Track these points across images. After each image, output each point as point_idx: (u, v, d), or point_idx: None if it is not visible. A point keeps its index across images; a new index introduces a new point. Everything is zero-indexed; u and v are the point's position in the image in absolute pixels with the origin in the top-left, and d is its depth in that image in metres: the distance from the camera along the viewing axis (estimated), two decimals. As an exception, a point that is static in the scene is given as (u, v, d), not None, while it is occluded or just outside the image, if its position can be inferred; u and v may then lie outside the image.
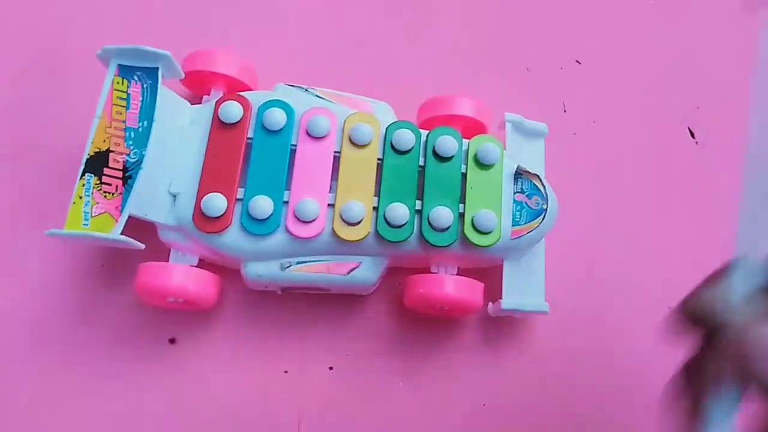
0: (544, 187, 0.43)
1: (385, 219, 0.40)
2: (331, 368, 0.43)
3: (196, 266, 0.40)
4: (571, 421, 0.44)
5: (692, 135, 0.52)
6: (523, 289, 0.43)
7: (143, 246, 0.38)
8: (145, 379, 0.42)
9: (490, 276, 0.43)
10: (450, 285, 0.40)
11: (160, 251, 0.41)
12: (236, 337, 0.43)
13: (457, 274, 0.42)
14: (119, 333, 0.42)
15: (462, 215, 0.40)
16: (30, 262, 0.43)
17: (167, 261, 0.40)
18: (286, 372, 0.43)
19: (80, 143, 0.38)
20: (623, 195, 0.50)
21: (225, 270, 0.42)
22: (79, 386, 0.41)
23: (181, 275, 0.39)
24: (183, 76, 0.41)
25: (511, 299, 0.42)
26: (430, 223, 0.40)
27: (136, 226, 0.38)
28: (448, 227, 0.40)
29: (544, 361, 0.45)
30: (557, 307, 0.43)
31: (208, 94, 0.45)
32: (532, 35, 0.54)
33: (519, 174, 0.43)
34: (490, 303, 0.43)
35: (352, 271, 0.40)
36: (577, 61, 0.54)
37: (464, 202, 0.41)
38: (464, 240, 0.40)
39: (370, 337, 0.44)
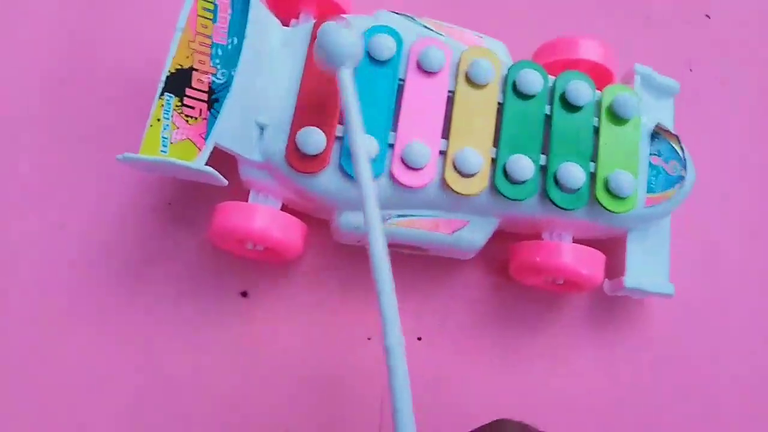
0: (683, 150, 0.37)
1: (505, 173, 0.34)
2: (419, 339, 0.38)
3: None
4: (683, 414, 0.38)
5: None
6: (647, 267, 0.37)
7: (226, 182, 0.32)
8: (211, 334, 0.37)
9: (604, 249, 0.38)
10: (570, 254, 0.35)
11: (236, 193, 0.35)
12: (316, 295, 0.38)
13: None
14: (184, 280, 0.37)
15: (593, 175, 0.35)
16: (89, 194, 0.38)
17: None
18: (369, 339, 0.38)
19: (158, 59, 0.33)
20: (754, 167, 0.44)
21: (308, 219, 0.37)
22: (137, 337, 0.36)
23: (267, 218, 0.34)
24: (276, -9, 0.36)
25: (635, 277, 0.36)
26: (557, 181, 0.34)
27: (209, 161, 0.32)
28: (579, 188, 0.34)
29: (658, 348, 0.39)
30: (676, 289, 0.38)
31: (296, 18, 0.39)
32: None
33: (656, 133, 0.37)
34: (607, 279, 0.37)
35: (457, 230, 0.35)
36: (706, 15, 0.47)
37: (596, 161, 0.35)
38: (594, 204, 0.34)
39: (465, 308, 0.39)
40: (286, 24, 0.39)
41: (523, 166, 0.34)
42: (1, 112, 0.40)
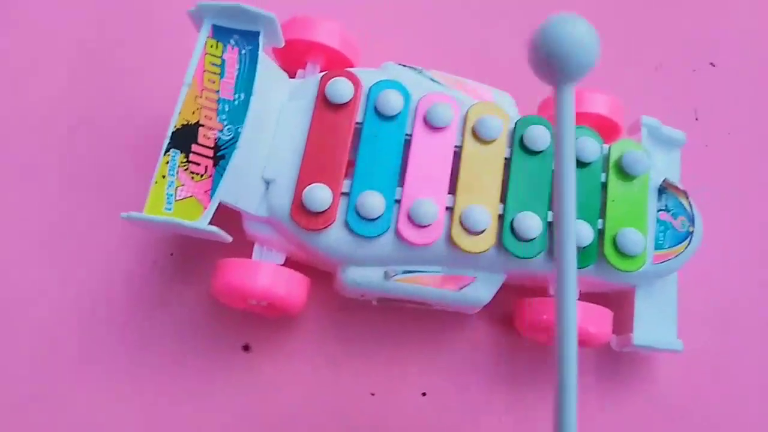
0: (690, 206, 0.37)
1: (513, 230, 0.34)
2: (424, 394, 0.37)
3: (282, 265, 0.35)
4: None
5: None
6: (655, 323, 0.37)
7: (231, 239, 0.32)
8: (212, 389, 0.36)
9: (611, 303, 0.37)
10: (578, 314, 0.34)
11: (239, 245, 0.35)
12: (319, 349, 0.37)
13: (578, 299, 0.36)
14: (186, 334, 0.37)
15: (601, 232, 0.34)
16: (92, 247, 0.38)
17: (249, 257, 0.35)
18: (372, 394, 0.37)
19: (164, 114, 0.33)
20: (762, 218, 0.43)
21: (312, 271, 0.36)
22: (138, 390, 0.36)
23: (270, 276, 0.33)
24: (283, 43, 0.36)
25: (643, 334, 0.36)
26: (564, 239, 0.34)
27: (216, 213, 0.32)
28: (587, 245, 0.34)
29: (666, 404, 0.39)
30: (685, 344, 0.37)
31: (302, 68, 0.39)
32: (663, 30, 0.48)
33: (664, 188, 0.36)
34: (614, 335, 0.37)
35: (464, 287, 0.34)
36: (711, 64, 0.47)
37: (604, 217, 0.35)
38: (603, 262, 0.34)
39: (471, 362, 0.38)
40: (292, 74, 0.39)
41: (531, 223, 0.33)
42: (10, 160, 0.40)
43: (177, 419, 0.36)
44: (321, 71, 0.38)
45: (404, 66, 0.37)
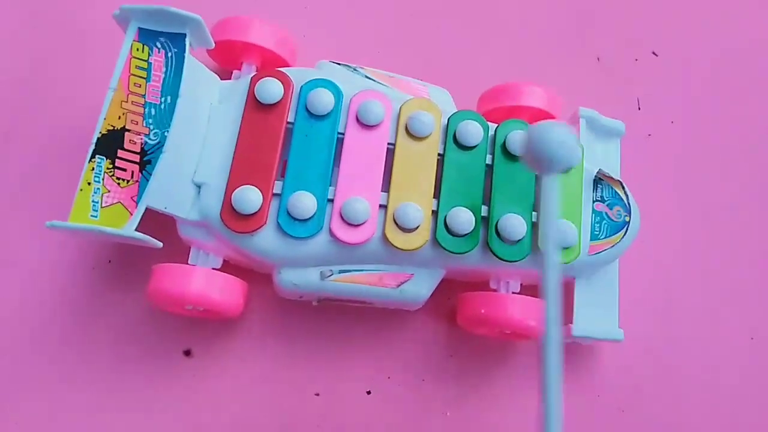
0: (627, 195, 0.37)
1: (446, 226, 0.34)
2: (368, 392, 0.37)
3: (219, 269, 0.34)
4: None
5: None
6: (595, 313, 0.37)
7: (161, 244, 0.32)
8: (154, 396, 0.36)
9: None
10: (516, 307, 0.35)
11: (177, 249, 0.35)
12: (261, 352, 0.37)
13: (519, 292, 0.36)
14: (126, 341, 0.37)
15: (536, 225, 0.35)
16: (26, 255, 0.37)
17: (186, 260, 0.34)
18: (317, 395, 0.37)
19: (90, 119, 0.32)
20: (706, 207, 0.44)
21: (252, 274, 0.36)
22: (78, 401, 0.35)
23: (204, 281, 0.33)
24: (213, 45, 0.35)
25: (582, 325, 0.36)
26: (498, 233, 0.34)
27: (151, 218, 0.32)
28: (521, 239, 0.34)
29: (610, 395, 0.39)
30: (627, 334, 0.37)
31: (239, 69, 0.39)
32: (603, 21, 0.48)
33: (599, 179, 0.37)
34: (556, 327, 0.37)
35: (402, 284, 0.34)
36: (653, 53, 0.47)
37: (538, 210, 0.35)
38: (537, 255, 0.34)
39: (414, 359, 0.38)
40: (228, 74, 0.39)
41: (464, 218, 0.33)
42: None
43: (120, 428, 0.35)
44: (257, 72, 0.37)
45: (338, 64, 0.37)
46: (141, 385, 0.36)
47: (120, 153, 0.32)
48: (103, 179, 0.31)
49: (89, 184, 0.31)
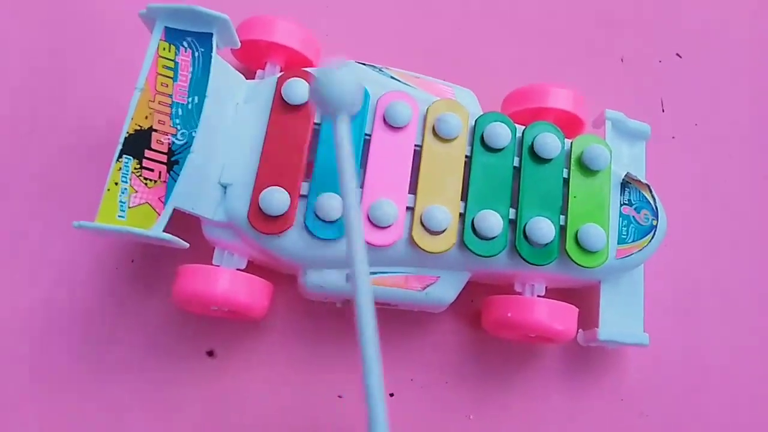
0: (654, 199, 0.36)
1: (473, 229, 0.33)
2: (391, 395, 0.37)
3: (244, 269, 0.34)
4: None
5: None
6: (621, 317, 0.37)
7: (188, 245, 0.32)
8: (177, 396, 0.36)
9: (577, 297, 0.37)
10: (543, 311, 0.34)
11: (201, 249, 0.34)
12: (285, 353, 0.37)
13: (544, 295, 0.36)
14: (149, 341, 0.36)
15: (563, 228, 0.34)
16: (50, 256, 0.37)
17: (210, 261, 0.34)
18: (340, 397, 0.37)
19: (117, 119, 0.32)
20: (730, 209, 0.43)
21: (275, 274, 0.36)
22: (101, 401, 0.35)
23: (229, 281, 0.33)
24: (239, 45, 0.35)
25: (609, 328, 0.36)
26: (526, 237, 0.34)
27: (172, 218, 0.31)
28: (549, 242, 0.33)
29: (634, 399, 0.39)
30: (653, 338, 0.37)
31: (262, 68, 0.38)
32: (627, 22, 0.47)
33: (627, 183, 0.36)
34: (581, 330, 0.37)
35: (428, 286, 0.34)
36: (677, 54, 0.47)
37: (566, 213, 0.35)
38: (565, 258, 0.34)
39: (438, 362, 0.38)
40: (252, 74, 0.38)
41: (492, 222, 0.33)
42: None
43: (142, 427, 0.35)
44: (281, 71, 0.37)
45: (364, 64, 0.37)
46: (164, 385, 0.36)
47: (147, 153, 0.32)
48: (130, 179, 0.31)
49: (116, 184, 0.31)
